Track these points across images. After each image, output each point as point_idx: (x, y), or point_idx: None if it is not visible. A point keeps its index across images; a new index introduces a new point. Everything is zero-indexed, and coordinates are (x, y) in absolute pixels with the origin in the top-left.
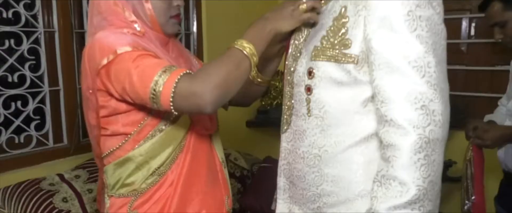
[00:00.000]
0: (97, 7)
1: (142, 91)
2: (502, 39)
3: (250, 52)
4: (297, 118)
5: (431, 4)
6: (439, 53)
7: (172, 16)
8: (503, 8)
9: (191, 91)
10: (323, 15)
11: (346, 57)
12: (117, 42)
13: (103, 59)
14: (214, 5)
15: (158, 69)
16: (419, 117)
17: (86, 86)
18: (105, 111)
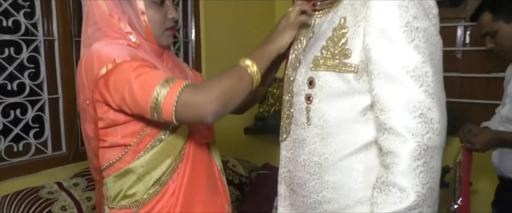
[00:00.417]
0: (92, 18)
1: (143, 101)
2: (493, 48)
3: (253, 70)
4: (296, 126)
5: (428, 16)
6: (435, 63)
7: (167, 28)
8: (493, 18)
9: (194, 101)
10: (322, 25)
11: (346, 67)
12: (115, 52)
13: (101, 69)
14: (213, 13)
15: (159, 80)
16: (417, 125)
17: (83, 97)
18: (103, 122)
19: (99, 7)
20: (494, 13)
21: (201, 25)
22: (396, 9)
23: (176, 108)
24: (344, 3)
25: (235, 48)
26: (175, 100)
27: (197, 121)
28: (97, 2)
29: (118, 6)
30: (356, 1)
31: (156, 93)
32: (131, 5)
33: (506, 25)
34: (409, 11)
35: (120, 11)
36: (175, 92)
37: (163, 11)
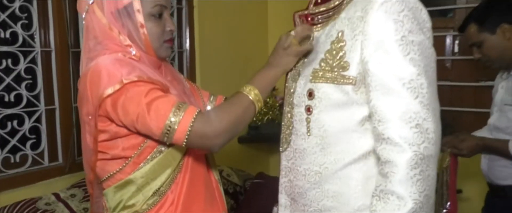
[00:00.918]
0: (92, 31)
1: (155, 127)
2: (480, 58)
3: (255, 98)
4: (296, 137)
5: (422, 30)
6: (430, 75)
7: (166, 40)
8: (479, 29)
9: (204, 133)
10: (320, 38)
11: (344, 79)
12: (122, 70)
13: (108, 88)
14: (207, 23)
15: (171, 107)
16: (414, 135)
17: (85, 111)
18: (105, 135)
19: (99, 20)
20: (480, 24)
21: (196, 35)
22: (391, 24)
23: (188, 137)
24: (342, 17)
25: (229, 58)
26: (188, 130)
27: (205, 150)
28: (97, 16)
29: (118, 19)
30: (353, 16)
31: (169, 121)
32: (130, 18)
33: (491, 36)
34: (404, 25)
35: (120, 25)
36: (188, 122)
37: (162, 24)
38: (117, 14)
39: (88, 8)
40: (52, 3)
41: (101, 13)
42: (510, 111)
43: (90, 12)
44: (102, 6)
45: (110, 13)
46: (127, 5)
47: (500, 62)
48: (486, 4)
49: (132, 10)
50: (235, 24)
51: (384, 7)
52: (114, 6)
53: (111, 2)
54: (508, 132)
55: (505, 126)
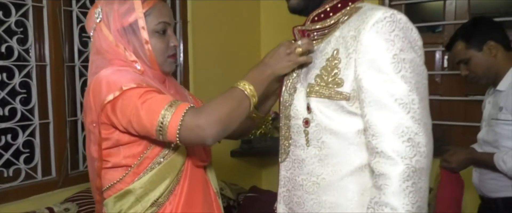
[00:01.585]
0: (99, 48)
1: (149, 124)
2: (468, 74)
3: (251, 93)
4: (295, 148)
5: (413, 48)
6: (421, 91)
7: (169, 55)
8: (466, 47)
9: (196, 125)
10: (315, 54)
11: (339, 95)
12: (122, 79)
13: (109, 95)
14: (201, 37)
15: (164, 104)
16: (406, 148)
17: (90, 119)
18: (108, 142)
19: (106, 38)
20: (466, 42)
21: (189, 49)
22: (383, 43)
23: (180, 131)
24: (336, 35)
25: (222, 72)
26: (179, 124)
27: (199, 143)
28: (103, 33)
29: (124, 36)
30: (347, 35)
31: (161, 117)
32: (135, 35)
33: (478, 53)
34: (396, 44)
35: (126, 41)
36: (178, 116)
37: (165, 40)
38: (123, 31)
39: (96, 26)
40: (48, 17)
41: (107, 31)
42: (497, 125)
43: (97, 30)
44: (108, 24)
45: (116, 30)
46: (132, 22)
47: (486, 78)
48: (473, 22)
49: (137, 27)
50: (228, 39)
51: (375, 28)
52: (120, 24)
53: (117, 20)
54: (495, 145)
55: (493, 139)
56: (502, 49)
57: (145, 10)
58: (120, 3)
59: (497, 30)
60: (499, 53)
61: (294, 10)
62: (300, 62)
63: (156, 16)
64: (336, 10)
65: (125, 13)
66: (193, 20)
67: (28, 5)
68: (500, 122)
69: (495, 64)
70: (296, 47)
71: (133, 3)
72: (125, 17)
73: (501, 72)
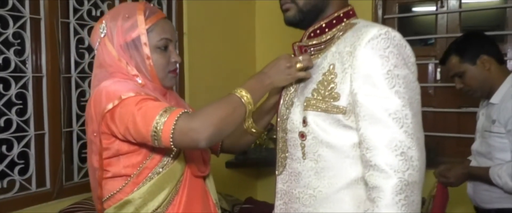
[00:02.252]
0: (102, 61)
1: (144, 130)
2: (462, 88)
3: (247, 100)
4: (292, 161)
5: (407, 64)
6: (414, 107)
7: (170, 71)
8: (460, 61)
9: (189, 128)
10: (312, 69)
11: (335, 108)
12: (121, 88)
13: (108, 104)
14: (196, 50)
15: (159, 110)
16: (399, 162)
17: (91, 129)
18: (108, 152)
19: (109, 52)
20: (460, 56)
21: (185, 61)
22: (378, 59)
23: (173, 135)
24: (332, 51)
25: (218, 83)
26: (172, 128)
27: (192, 146)
28: (107, 48)
29: (126, 51)
30: (343, 51)
31: (155, 122)
32: (138, 51)
33: (472, 67)
34: (390, 60)
35: (128, 56)
36: (172, 120)
37: (167, 56)
38: (126, 46)
39: (100, 41)
40: (45, 29)
41: (111, 46)
42: (490, 137)
43: (101, 45)
44: (112, 39)
45: (119, 45)
46: (135, 38)
47: (481, 91)
48: (466, 37)
49: (139, 43)
50: (224, 51)
51: (371, 44)
52: (123, 39)
53: (121, 35)
54: (489, 157)
55: (486, 151)
56: (495, 63)
57: (148, 27)
58: (124, 19)
59: (490, 45)
60: (492, 67)
61: (290, 23)
62: (299, 77)
63: (159, 32)
64: (331, 26)
65: (128, 29)
66: (189, 32)
67: (26, 17)
68: (493, 134)
69: (489, 77)
70: (297, 62)
71: (136, 19)
72: (128, 33)
73: (495, 85)
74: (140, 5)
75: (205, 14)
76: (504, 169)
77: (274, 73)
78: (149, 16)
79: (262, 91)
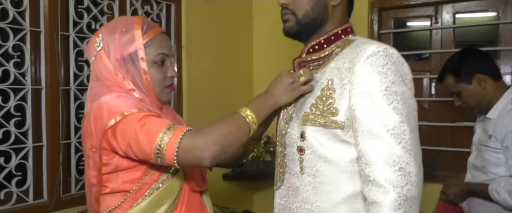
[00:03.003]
0: (99, 75)
1: (147, 148)
2: (461, 105)
3: (251, 120)
4: (290, 175)
5: (404, 81)
6: (412, 123)
7: (167, 85)
8: (456, 80)
9: (194, 146)
10: (311, 84)
11: (333, 124)
12: (123, 104)
13: (110, 120)
14: (195, 63)
15: (162, 127)
16: (397, 178)
17: (89, 145)
18: (107, 168)
19: (105, 66)
20: (456, 76)
21: (183, 74)
22: (376, 76)
23: (177, 153)
24: (331, 66)
25: (215, 95)
26: (177, 146)
27: (197, 165)
28: (103, 62)
29: (123, 66)
30: (342, 66)
31: (159, 140)
32: (134, 65)
33: (468, 86)
34: (388, 77)
35: (125, 71)
36: (176, 138)
37: (163, 70)
38: (122, 61)
39: (96, 54)
40: (45, 42)
41: (107, 60)
42: (485, 151)
43: (97, 58)
44: (109, 53)
45: (115, 59)
46: (132, 53)
47: (479, 108)
48: (459, 56)
49: (136, 58)
50: (221, 64)
51: (369, 61)
52: (120, 53)
53: (117, 49)
54: (483, 171)
55: (482, 165)
56: (490, 80)
57: (145, 41)
58: (121, 33)
59: (485, 62)
60: (488, 84)
61: (288, 33)
62: (303, 92)
63: (156, 47)
64: (329, 42)
65: (125, 44)
66: (188, 46)
67: (26, 30)
68: (489, 149)
69: (486, 95)
70: (299, 77)
71: (134, 34)
72: (125, 47)
73: (492, 101)
74: (138, 20)
75: (203, 28)
76: (502, 185)
77: (278, 92)
78: (147, 30)
79: (266, 111)
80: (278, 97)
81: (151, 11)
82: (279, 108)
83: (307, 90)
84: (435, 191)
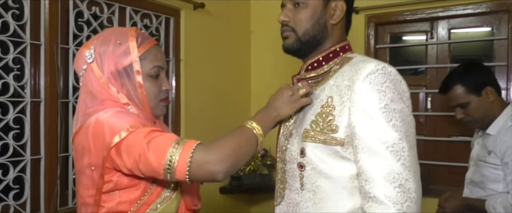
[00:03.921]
0: (91, 89)
1: (156, 164)
2: (463, 118)
3: (258, 132)
4: (290, 191)
5: (402, 99)
6: (410, 140)
7: (162, 99)
8: (466, 91)
9: (206, 160)
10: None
11: (333, 140)
12: (126, 121)
13: (113, 138)
14: (193, 76)
15: (171, 142)
16: (397, 194)
17: (86, 163)
18: (106, 186)
19: (98, 79)
20: (466, 86)
21: (181, 87)
22: (375, 94)
23: (190, 168)
24: (330, 83)
25: (213, 108)
26: (189, 160)
27: (209, 179)
28: (95, 75)
29: (117, 79)
30: (341, 84)
31: (169, 155)
32: (129, 79)
33: (477, 98)
34: (387, 95)
35: (119, 84)
36: (187, 153)
37: (158, 84)
38: (117, 74)
39: (87, 67)
40: (45, 55)
41: (100, 72)
42: (484, 167)
43: (88, 71)
44: (102, 66)
45: (110, 73)
46: (127, 66)
47: (482, 122)
48: (470, 67)
49: (131, 71)
50: (219, 77)
51: (368, 79)
52: (114, 66)
53: (111, 62)
54: (481, 186)
55: (480, 180)
56: (496, 94)
57: (140, 54)
58: (115, 44)
59: (492, 75)
60: (495, 99)
61: (288, 51)
62: (304, 104)
63: (151, 60)
64: (328, 60)
65: (120, 56)
66: (186, 59)
67: (26, 43)
68: (487, 165)
69: (492, 109)
70: (298, 89)
71: (128, 46)
72: (120, 60)
73: (495, 116)
74: (132, 31)
75: (201, 42)
76: (499, 201)
77: (279, 105)
78: (142, 43)
79: (270, 124)
80: (280, 109)
81: (150, 24)
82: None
83: (307, 103)
84: (431, 205)
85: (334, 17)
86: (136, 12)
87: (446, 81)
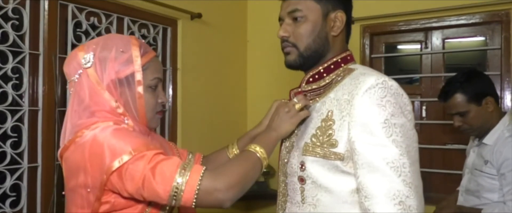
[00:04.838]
0: (84, 97)
1: (162, 191)
2: (460, 126)
3: (262, 155)
4: (291, 204)
5: (403, 113)
6: (412, 155)
7: (158, 111)
8: (467, 100)
9: (214, 188)
10: (311, 114)
11: (333, 155)
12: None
13: (114, 162)
14: (190, 84)
15: (176, 168)
16: (398, 211)
17: (82, 182)
18: (102, 207)
19: (93, 86)
20: (467, 95)
21: (178, 95)
22: (375, 108)
23: (197, 195)
24: (330, 97)
25: (210, 116)
26: (197, 188)
27: (216, 206)
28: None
29: (117, 88)
30: (341, 98)
31: (176, 183)
32: (130, 89)
33: (477, 107)
34: (387, 109)
35: (118, 94)
36: (195, 180)
37: (156, 95)
38: (117, 82)
39: (82, 71)
40: (43, 64)
41: (97, 79)
42: (480, 176)
43: (83, 76)
44: (101, 73)
45: (110, 80)
46: (129, 75)
47: (479, 131)
48: (468, 77)
49: (133, 81)
50: (216, 85)
51: (368, 93)
52: (115, 74)
53: (113, 70)
54: (476, 195)
55: (475, 189)
56: (496, 105)
57: (143, 64)
58: (118, 52)
59: (492, 85)
60: (494, 109)
61: (290, 66)
62: (302, 117)
63: (152, 71)
64: (329, 71)
65: (122, 64)
66: (183, 68)
67: (25, 53)
68: (483, 174)
69: (490, 118)
70: (294, 104)
71: (131, 54)
72: (123, 69)
73: (493, 125)
74: (133, 40)
75: (198, 51)
76: (495, 212)
77: (277, 124)
78: (144, 53)
79: (272, 145)
80: (279, 129)
81: (148, 34)
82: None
83: (306, 115)
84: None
85: (334, 29)
86: (134, 22)
87: (447, 89)
